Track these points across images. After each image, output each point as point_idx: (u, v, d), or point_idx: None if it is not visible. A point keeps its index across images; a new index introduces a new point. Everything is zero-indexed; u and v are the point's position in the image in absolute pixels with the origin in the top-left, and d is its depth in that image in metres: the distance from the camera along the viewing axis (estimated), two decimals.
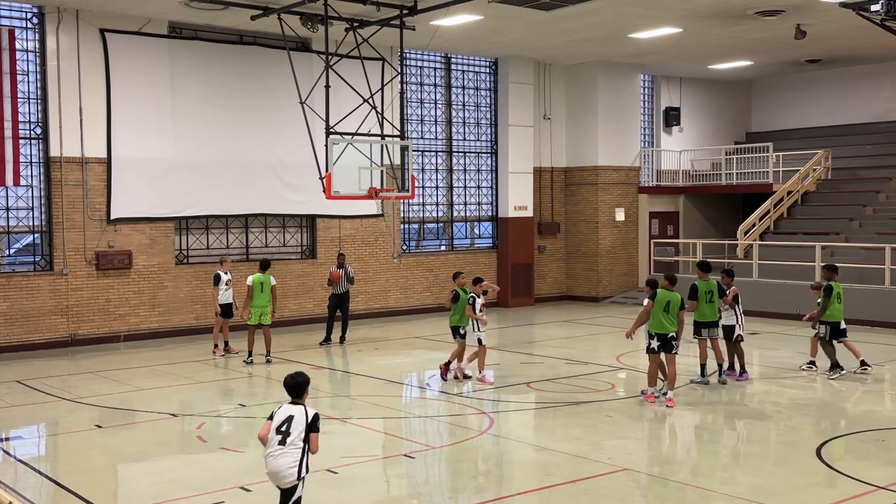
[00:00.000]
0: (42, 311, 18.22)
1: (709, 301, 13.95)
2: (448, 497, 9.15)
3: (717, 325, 14.12)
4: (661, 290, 12.61)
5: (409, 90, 23.53)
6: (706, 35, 21.71)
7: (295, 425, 7.10)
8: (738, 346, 14.43)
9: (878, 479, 9.21)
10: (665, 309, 12.53)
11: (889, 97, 27.53)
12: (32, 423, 12.63)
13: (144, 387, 14.50)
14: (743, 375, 14.30)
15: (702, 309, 13.96)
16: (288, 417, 7.14)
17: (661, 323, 12.54)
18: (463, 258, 24.48)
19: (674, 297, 12.55)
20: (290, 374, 7.39)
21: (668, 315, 12.54)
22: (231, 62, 20.26)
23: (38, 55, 18.29)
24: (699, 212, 28.07)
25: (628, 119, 26.54)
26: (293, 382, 7.31)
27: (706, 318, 13.99)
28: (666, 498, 8.89)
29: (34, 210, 18.42)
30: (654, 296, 12.60)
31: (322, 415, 12.47)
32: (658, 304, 12.54)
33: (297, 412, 7.17)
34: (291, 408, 7.21)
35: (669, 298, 12.52)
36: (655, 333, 12.63)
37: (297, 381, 7.31)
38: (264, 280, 16.50)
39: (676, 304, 12.57)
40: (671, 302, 12.53)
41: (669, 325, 12.55)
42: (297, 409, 7.19)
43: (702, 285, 13.94)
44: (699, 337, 14.12)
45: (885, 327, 19.75)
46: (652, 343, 12.69)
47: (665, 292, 12.59)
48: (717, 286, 14.06)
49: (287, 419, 7.13)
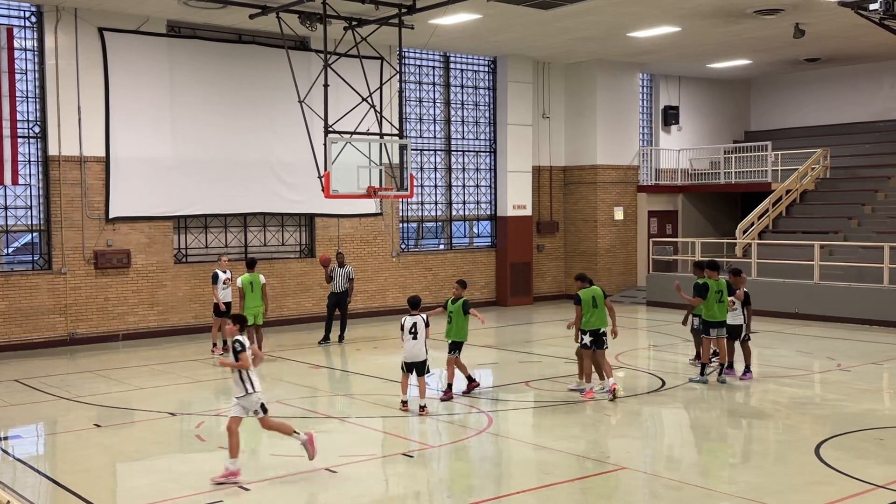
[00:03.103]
0: (41, 310, 18.21)
1: (719, 301, 13.95)
2: (446, 496, 9.14)
3: (724, 324, 14.10)
4: (583, 290, 13.03)
5: (407, 89, 23.52)
6: (705, 34, 21.70)
7: (419, 327, 12.02)
8: (746, 345, 14.41)
9: (876, 478, 9.21)
10: (593, 305, 12.91)
11: (888, 96, 27.53)
12: (31, 423, 12.62)
13: (143, 386, 14.49)
14: (747, 375, 14.28)
15: (712, 308, 13.96)
16: (413, 323, 12.01)
17: (590, 320, 12.92)
18: (462, 257, 24.48)
19: (597, 291, 13.05)
20: (412, 295, 12.54)
21: (597, 310, 12.91)
22: (229, 61, 20.25)
23: (36, 54, 18.28)
24: (698, 211, 28.08)
25: (627, 118, 26.54)
26: (414, 300, 12.39)
27: (716, 318, 13.98)
28: (664, 497, 8.89)
29: (32, 209, 18.41)
30: (579, 298, 12.99)
31: (320, 414, 12.53)
32: (585, 303, 12.93)
33: (417, 319, 12.07)
34: (414, 317, 12.07)
35: (593, 294, 12.96)
36: (588, 330, 12.96)
37: (416, 300, 12.39)
38: (254, 279, 16.43)
39: (601, 297, 13.00)
40: (595, 297, 12.94)
41: (599, 321, 12.93)
42: (418, 318, 12.09)
43: (712, 284, 13.96)
44: (707, 336, 14.12)
45: (883, 326, 19.76)
46: (584, 339, 13.01)
47: (588, 289, 13.02)
48: (726, 285, 14.06)
49: (413, 324, 12.01)
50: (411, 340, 12.12)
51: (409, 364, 12.29)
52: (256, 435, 11.83)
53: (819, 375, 15.17)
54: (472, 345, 18.21)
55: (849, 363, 15.75)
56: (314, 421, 12.16)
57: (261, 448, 11.12)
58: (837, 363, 15.82)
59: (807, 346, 17.78)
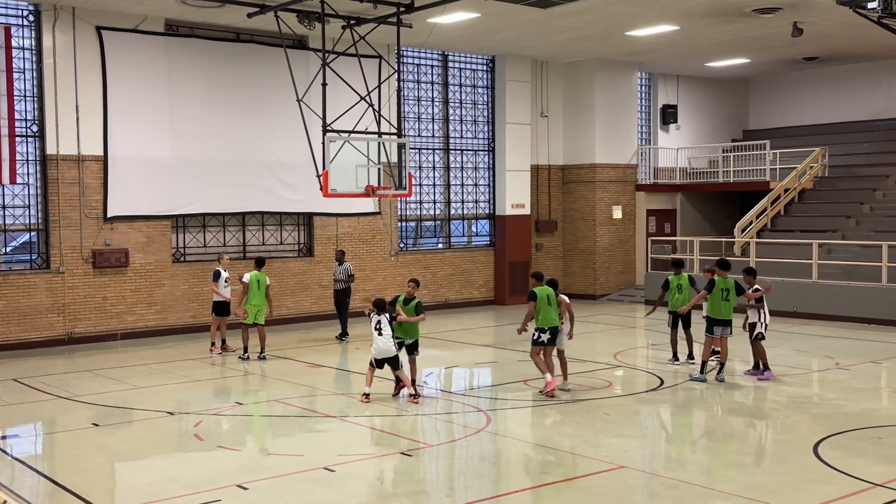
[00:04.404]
0: (39, 309, 18.19)
1: (725, 299, 13.95)
2: (445, 495, 9.14)
3: (729, 323, 14.08)
4: (539, 288, 13.18)
5: (406, 88, 23.51)
6: (703, 33, 21.71)
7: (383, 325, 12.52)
8: (759, 343, 14.36)
9: (875, 477, 9.21)
10: (548, 303, 13.07)
11: (886, 95, 27.54)
12: (29, 422, 12.61)
13: (141, 385, 14.48)
14: (766, 373, 14.22)
15: (718, 306, 13.96)
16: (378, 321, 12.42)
17: (548, 317, 13.05)
18: (460, 256, 24.48)
19: (550, 290, 13.15)
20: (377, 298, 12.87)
21: (552, 308, 13.07)
22: (228, 60, 20.23)
23: (34, 53, 18.25)
24: (696, 209, 28.09)
25: (625, 117, 26.54)
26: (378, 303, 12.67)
27: (721, 316, 13.99)
28: (663, 496, 8.89)
29: (30, 208, 18.39)
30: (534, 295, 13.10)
31: (319, 413, 12.52)
32: (541, 299, 13.06)
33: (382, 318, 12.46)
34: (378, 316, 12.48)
35: (547, 292, 13.12)
36: (547, 328, 13.08)
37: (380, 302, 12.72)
38: (261, 278, 16.52)
39: (553, 296, 13.16)
40: (549, 296, 13.11)
41: (553, 319, 13.08)
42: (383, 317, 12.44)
43: (719, 282, 13.95)
44: (710, 335, 14.11)
45: (882, 324, 19.77)
46: (542, 336, 13.13)
47: (542, 287, 13.17)
48: (734, 285, 14.03)
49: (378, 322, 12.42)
50: (378, 337, 12.67)
51: (379, 360, 12.79)
52: (257, 434, 11.83)
53: (817, 374, 15.17)
54: (471, 344, 18.26)
55: (847, 362, 15.76)
56: (314, 420, 12.15)
57: (260, 447, 11.12)
58: (836, 362, 15.83)
59: (805, 344, 17.78)
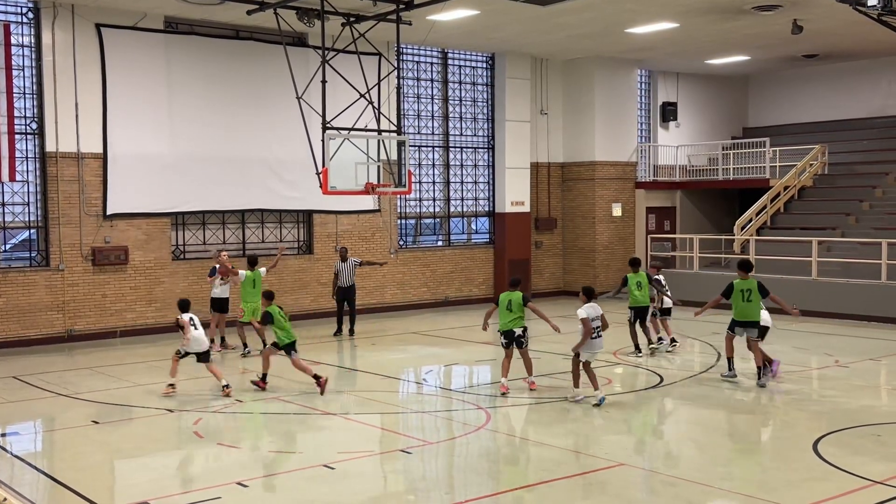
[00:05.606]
0: (38, 306, 18.19)
1: (746, 300, 13.81)
2: (445, 493, 9.14)
3: (756, 325, 13.89)
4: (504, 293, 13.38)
5: (405, 85, 23.49)
6: (703, 30, 21.70)
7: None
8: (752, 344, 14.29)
9: (874, 474, 9.22)
10: (507, 307, 13.17)
11: (886, 93, 27.52)
12: (29, 419, 12.61)
13: (141, 382, 14.48)
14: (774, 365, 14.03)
15: (739, 307, 13.87)
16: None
17: (505, 322, 13.18)
18: (460, 254, 24.47)
19: (514, 295, 13.22)
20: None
21: (512, 313, 13.14)
22: (227, 57, 20.21)
23: (33, 50, 18.23)
24: (696, 207, 28.08)
25: (625, 114, 26.53)
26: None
27: (743, 318, 13.86)
28: (662, 493, 8.90)
29: (30, 206, 18.38)
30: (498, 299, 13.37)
31: (319, 411, 12.53)
32: (501, 303, 13.23)
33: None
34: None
35: (510, 297, 13.20)
36: (502, 332, 13.23)
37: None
38: (255, 277, 16.56)
39: (517, 301, 13.22)
40: (512, 300, 13.20)
41: (513, 324, 13.11)
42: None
43: (737, 284, 13.89)
44: (730, 332, 14.04)
45: (881, 322, 19.78)
46: (502, 340, 13.31)
47: (506, 293, 13.30)
48: (756, 285, 13.88)
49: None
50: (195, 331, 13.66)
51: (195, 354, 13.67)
52: (256, 433, 11.83)
53: (817, 372, 15.18)
54: (471, 342, 18.26)
55: (846, 359, 15.77)
56: (313, 417, 12.16)
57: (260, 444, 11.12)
58: (835, 359, 15.84)
59: (804, 342, 17.78)
